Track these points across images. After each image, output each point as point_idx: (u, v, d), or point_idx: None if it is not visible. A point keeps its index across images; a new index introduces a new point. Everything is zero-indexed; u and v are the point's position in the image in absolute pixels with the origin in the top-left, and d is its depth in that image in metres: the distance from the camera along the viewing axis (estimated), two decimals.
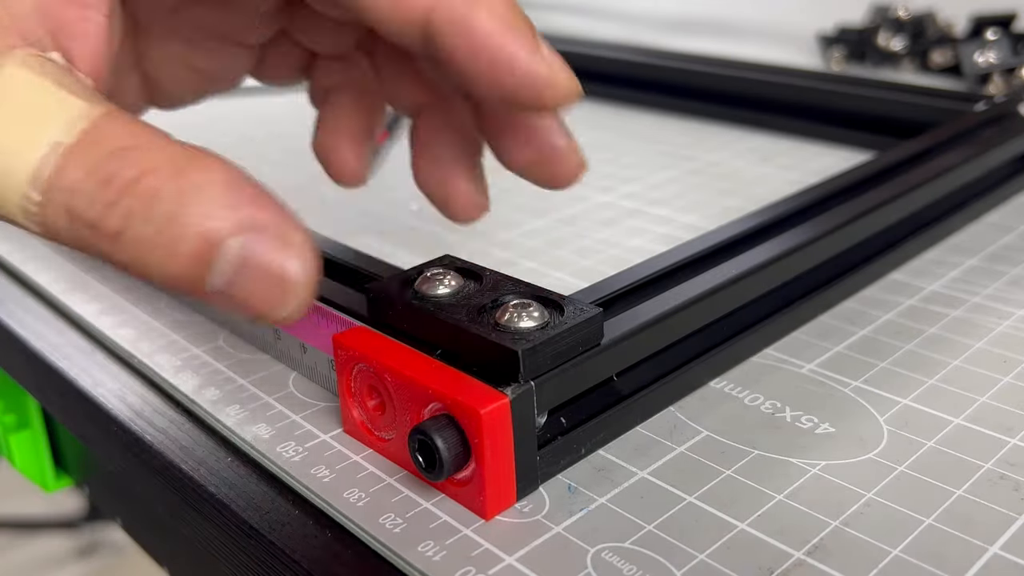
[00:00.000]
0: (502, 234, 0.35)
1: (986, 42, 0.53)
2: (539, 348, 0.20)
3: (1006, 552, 0.19)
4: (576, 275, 0.32)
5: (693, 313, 0.23)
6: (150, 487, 0.24)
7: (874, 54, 0.59)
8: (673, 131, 0.47)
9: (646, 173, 0.41)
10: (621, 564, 0.19)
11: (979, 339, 0.27)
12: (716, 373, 0.25)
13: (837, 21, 0.62)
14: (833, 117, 0.43)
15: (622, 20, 0.78)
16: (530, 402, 0.20)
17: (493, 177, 0.27)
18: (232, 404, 0.24)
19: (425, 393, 0.20)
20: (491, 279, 0.23)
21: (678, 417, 0.24)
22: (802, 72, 0.46)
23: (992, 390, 0.24)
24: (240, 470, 0.22)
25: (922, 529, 0.19)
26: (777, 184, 0.39)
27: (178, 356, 0.26)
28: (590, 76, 0.53)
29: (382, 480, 0.21)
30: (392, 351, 0.21)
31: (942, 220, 0.33)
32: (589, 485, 0.21)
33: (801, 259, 0.27)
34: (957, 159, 0.33)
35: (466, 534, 0.19)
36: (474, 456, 0.19)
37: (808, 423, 0.23)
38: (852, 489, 0.21)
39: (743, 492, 0.21)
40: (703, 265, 0.25)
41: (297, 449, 0.22)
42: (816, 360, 0.26)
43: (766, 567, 0.18)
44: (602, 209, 0.37)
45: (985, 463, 0.21)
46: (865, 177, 0.31)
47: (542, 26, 0.25)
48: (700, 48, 0.61)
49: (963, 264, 0.31)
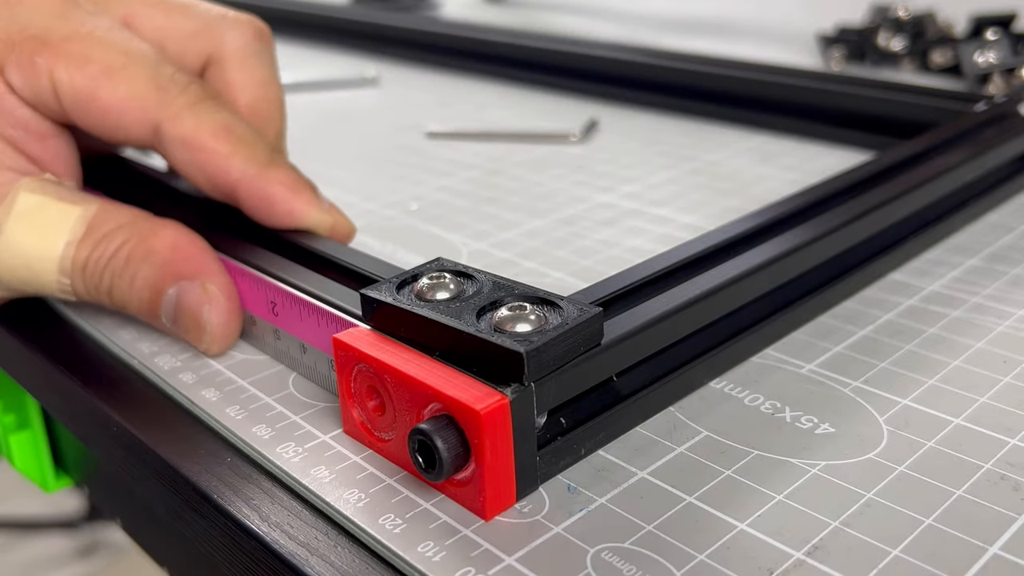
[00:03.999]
0: (502, 234, 0.35)
1: (986, 42, 0.53)
2: (542, 349, 0.20)
3: (1006, 552, 0.19)
4: (576, 275, 0.32)
5: (693, 313, 0.23)
6: (150, 487, 0.24)
7: (874, 54, 0.59)
8: (673, 131, 0.47)
9: (646, 173, 0.41)
10: (621, 564, 0.19)
11: (979, 339, 0.27)
12: (716, 373, 0.25)
13: (837, 21, 0.62)
14: (833, 117, 0.43)
15: (622, 20, 0.78)
16: (530, 403, 0.20)
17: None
18: (232, 404, 0.24)
19: (425, 393, 0.20)
20: (486, 281, 0.23)
21: (678, 417, 0.24)
22: (802, 72, 0.46)
23: (992, 390, 0.24)
24: (240, 471, 0.22)
25: (922, 529, 0.19)
26: (777, 184, 0.39)
27: (177, 357, 0.26)
28: (590, 76, 0.53)
29: (382, 480, 0.21)
30: (392, 351, 0.21)
31: (942, 220, 0.33)
32: (589, 485, 0.21)
33: (801, 259, 0.27)
34: (957, 159, 0.33)
35: (466, 534, 0.19)
36: (474, 456, 0.19)
37: (808, 423, 0.23)
38: (852, 489, 0.21)
39: (743, 492, 0.21)
40: (703, 265, 0.25)
41: (297, 449, 0.22)
42: (816, 360, 0.26)
43: (766, 567, 0.18)
44: (602, 209, 0.37)
45: (985, 463, 0.21)
46: (865, 177, 0.31)
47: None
48: (700, 48, 0.61)
49: (963, 264, 0.31)
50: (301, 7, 0.73)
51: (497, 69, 0.58)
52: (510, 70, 0.57)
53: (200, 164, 0.28)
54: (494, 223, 0.36)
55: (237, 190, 0.28)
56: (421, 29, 0.63)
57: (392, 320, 0.22)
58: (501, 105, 0.53)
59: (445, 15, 0.81)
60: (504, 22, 0.76)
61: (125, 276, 0.26)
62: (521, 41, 0.57)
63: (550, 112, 0.52)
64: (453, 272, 0.23)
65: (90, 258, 0.26)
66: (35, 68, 0.27)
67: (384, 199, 0.39)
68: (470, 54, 0.60)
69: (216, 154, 0.27)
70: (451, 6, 0.86)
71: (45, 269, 0.27)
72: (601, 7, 0.84)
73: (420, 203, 0.39)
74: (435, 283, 0.22)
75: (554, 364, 0.20)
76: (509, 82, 0.58)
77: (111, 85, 0.27)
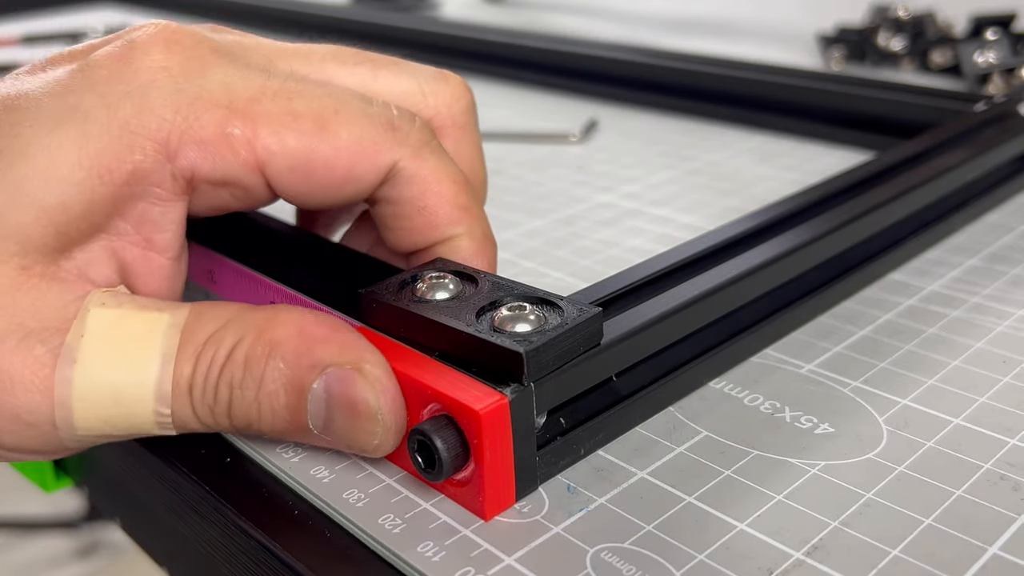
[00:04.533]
0: (502, 234, 0.35)
1: (986, 42, 0.53)
2: (542, 349, 0.20)
3: (1005, 552, 0.19)
4: (576, 275, 0.32)
5: (693, 313, 0.23)
6: (150, 487, 0.24)
7: (874, 54, 0.59)
8: (673, 131, 0.47)
9: (646, 173, 0.41)
10: (620, 564, 0.19)
11: (979, 339, 0.27)
12: (716, 373, 0.25)
13: (837, 21, 0.62)
14: (833, 117, 0.43)
15: (622, 20, 0.78)
16: (529, 403, 0.20)
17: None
18: None
19: (424, 394, 0.20)
20: (486, 281, 0.23)
21: (678, 417, 0.24)
22: (802, 72, 0.46)
23: (992, 390, 0.24)
24: (240, 471, 0.22)
25: (922, 529, 0.19)
26: (777, 184, 0.39)
27: None
28: (590, 76, 0.53)
29: (381, 480, 0.21)
30: (391, 351, 0.21)
31: (942, 220, 0.33)
32: (588, 485, 0.21)
33: (801, 259, 0.27)
34: (957, 159, 0.33)
35: (465, 534, 0.19)
36: (473, 457, 0.19)
37: (808, 423, 0.23)
38: (852, 489, 0.21)
39: (743, 492, 0.21)
40: (703, 265, 0.25)
41: (297, 450, 0.22)
42: (816, 360, 0.26)
43: (766, 567, 0.18)
44: (602, 209, 0.37)
45: (985, 463, 0.21)
46: (865, 177, 0.31)
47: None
48: (700, 48, 0.61)
49: (963, 264, 0.31)
50: (301, 7, 0.74)
51: (497, 69, 0.58)
52: (510, 70, 0.57)
53: (432, 208, 0.24)
54: (494, 223, 0.36)
55: (444, 245, 0.24)
56: (421, 29, 0.63)
57: (392, 320, 0.22)
58: (501, 105, 0.53)
59: (445, 15, 0.81)
60: (504, 22, 0.76)
61: (249, 384, 0.20)
62: (521, 41, 0.57)
63: (550, 112, 0.52)
64: (453, 272, 0.23)
65: (196, 373, 0.20)
66: (230, 141, 0.21)
67: None
68: (470, 54, 0.60)
69: (455, 204, 0.24)
70: (451, 6, 0.86)
71: (138, 400, 0.20)
72: (601, 7, 0.84)
73: None
74: (435, 283, 0.22)
75: (554, 364, 0.20)
76: (509, 82, 0.58)
77: (331, 136, 0.22)
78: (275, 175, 0.22)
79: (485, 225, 0.25)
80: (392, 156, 0.23)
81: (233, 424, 0.21)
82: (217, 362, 0.21)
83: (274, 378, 0.20)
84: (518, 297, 0.22)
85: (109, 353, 0.20)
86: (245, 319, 0.21)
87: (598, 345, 0.21)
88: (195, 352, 0.21)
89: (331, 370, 0.20)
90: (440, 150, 0.24)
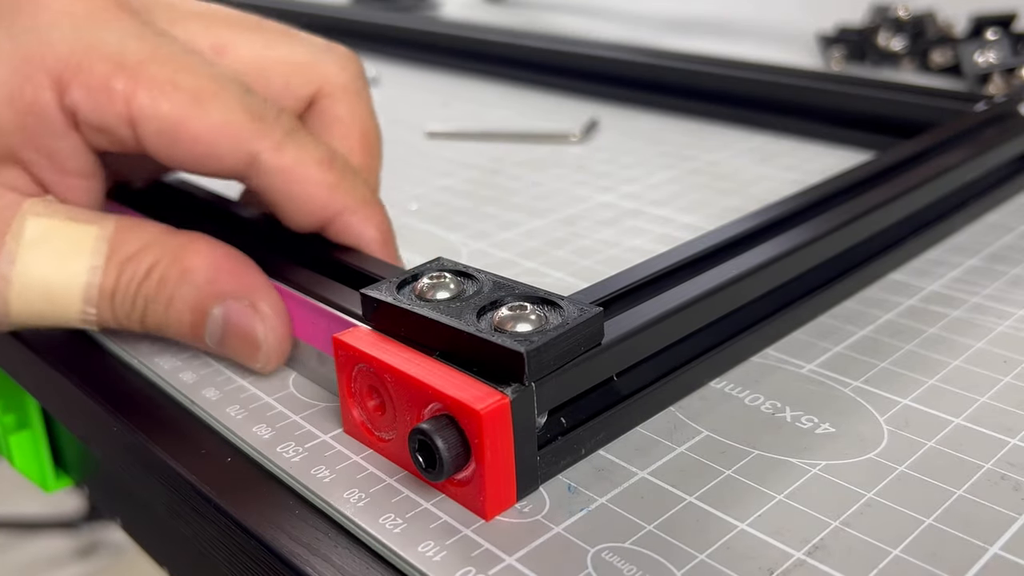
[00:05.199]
0: (502, 234, 0.35)
1: (986, 42, 0.53)
2: (542, 349, 0.20)
3: (1006, 552, 0.19)
4: (576, 275, 0.32)
5: (693, 313, 0.23)
6: (150, 487, 0.24)
7: (874, 54, 0.59)
8: (673, 131, 0.47)
9: (646, 173, 0.41)
10: (621, 564, 0.19)
11: (979, 339, 0.27)
12: (716, 373, 0.25)
13: (837, 21, 0.62)
14: (833, 117, 0.43)
15: (622, 20, 0.78)
16: (530, 402, 0.20)
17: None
18: (232, 404, 0.24)
19: (425, 393, 0.20)
20: (487, 281, 0.23)
21: (678, 417, 0.24)
22: (802, 72, 0.46)
23: (992, 390, 0.24)
24: (240, 470, 0.22)
25: (922, 529, 0.19)
26: (777, 184, 0.39)
27: (178, 356, 0.26)
28: (590, 76, 0.53)
29: (382, 480, 0.21)
30: (392, 351, 0.21)
31: (942, 220, 0.33)
32: (589, 485, 0.21)
33: (801, 259, 0.27)
34: (957, 159, 0.33)
35: (466, 534, 0.19)
36: (474, 456, 0.19)
37: (808, 423, 0.23)
38: (852, 489, 0.21)
39: (743, 492, 0.21)
40: (703, 265, 0.25)
41: (297, 449, 0.22)
42: (816, 360, 0.26)
43: (766, 567, 0.18)
44: (602, 209, 0.37)
45: (985, 463, 0.21)
46: (865, 177, 0.31)
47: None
48: (700, 48, 0.61)
49: (963, 264, 0.31)
50: (301, 7, 0.73)
51: (497, 69, 0.58)
52: (510, 70, 0.57)
53: (300, 195, 0.26)
54: (494, 223, 0.36)
55: (334, 223, 0.27)
56: (421, 29, 0.63)
57: (392, 320, 0.22)
58: (501, 105, 0.53)
59: (445, 15, 0.81)
60: (504, 22, 0.76)
61: (160, 300, 0.24)
62: (521, 41, 0.57)
63: (550, 112, 0.52)
64: (453, 272, 0.23)
65: (119, 283, 0.24)
66: (110, 94, 0.24)
67: (384, 199, 0.39)
68: (470, 54, 0.60)
69: (321, 185, 0.26)
70: (451, 6, 0.86)
71: (68, 299, 0.24)
72: (601, 7, 0.84)
73: (420, 203, 0.39)
74: (435, 283, 0.22)
75: (554, 364, 0.20)
76: (509, 82, 0.58)
77: (202, 113, 0.25)
78: (145, 134, 0.25)
79: (364, 192, 0.27)
80: (254, 147, 0.25)
81: (145, 328, 0.25)
82: (136, 278, 0.24)
83: (182, 297, 0.24)
84: (519, 297, 0.22)
85: (44, 258, 0.24)
86: (164, 243, 0.25)
87: (599, 345, 0.21)
88: (118, 265, 0.24)
89: (230, 302, 0.24)
90: (303, 139, 0.26)
